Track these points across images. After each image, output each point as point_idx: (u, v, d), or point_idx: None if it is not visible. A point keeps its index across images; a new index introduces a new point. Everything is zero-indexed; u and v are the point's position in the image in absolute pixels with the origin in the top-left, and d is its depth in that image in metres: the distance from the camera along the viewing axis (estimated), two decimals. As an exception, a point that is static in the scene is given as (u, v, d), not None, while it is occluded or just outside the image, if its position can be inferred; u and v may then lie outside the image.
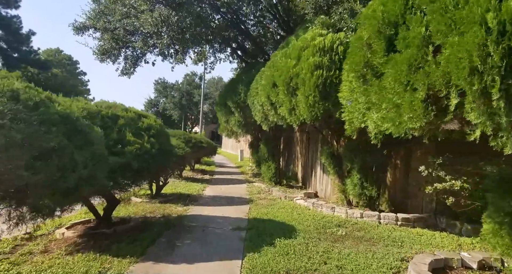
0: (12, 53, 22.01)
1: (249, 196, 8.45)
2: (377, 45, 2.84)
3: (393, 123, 2.63)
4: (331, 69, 5.22)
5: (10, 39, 21.87)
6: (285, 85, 5.75)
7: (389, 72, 2.62)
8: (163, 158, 4.61)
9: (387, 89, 2.66)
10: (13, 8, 23.08)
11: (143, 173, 4.17)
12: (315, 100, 5.30)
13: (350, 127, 3.91)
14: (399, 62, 2.51)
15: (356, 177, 6.39)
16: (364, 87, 3.09)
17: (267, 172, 9.72)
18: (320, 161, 8.49)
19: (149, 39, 10.00)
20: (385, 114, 2.71)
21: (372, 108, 2.96)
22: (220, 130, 12.63)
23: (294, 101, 5.70)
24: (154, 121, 4.83)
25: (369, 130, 3.39)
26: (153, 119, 4.87)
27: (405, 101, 2.50)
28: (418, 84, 2.39)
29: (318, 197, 8.30)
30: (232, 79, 9.80)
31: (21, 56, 22.31)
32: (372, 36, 2.89)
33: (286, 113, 5.87)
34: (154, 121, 4.82)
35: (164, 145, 4.66)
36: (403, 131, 2.61)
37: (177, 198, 7.66)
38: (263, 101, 6.82)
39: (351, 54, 3.46)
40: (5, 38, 21.85)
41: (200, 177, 12.04)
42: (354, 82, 3.37)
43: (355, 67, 3.24)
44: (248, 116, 9.06)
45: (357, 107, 3.37)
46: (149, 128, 4.58)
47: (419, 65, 2.40)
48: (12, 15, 22.47)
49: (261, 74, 7.32)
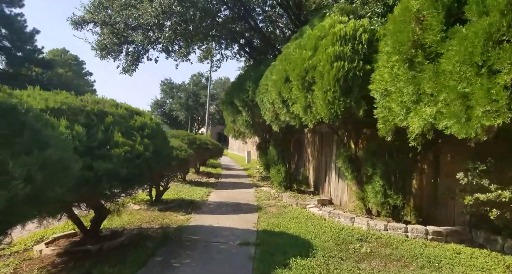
0: (16, 52, 21.71)
1: (257, 203, 7.76)
2: (433, 17, 2.15)
3: (457, 120, 1.94)
4: (353, 60, 4.52)
5: (14, 38, 21.58)
6: (299, 79, 5.06)
7: (452, 51, 1.93)
8: (159, 162, 3.94)
9: (447, 74, 1.97)
10: (17, 6, 22.87)
11: (134, 180, 3.51)
12: (335, 96, 4.59)
13: (384, 126, 3.21)
14: (469, 36, 1.82)
15: (379, 183, 5.65)
16: (412, 74, 2.39)
17: (276, 176, 9.02)
18: (335, 165, 7.76)
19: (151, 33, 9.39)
20: (444, 108, 2.02)
21: (423, 101, 2.26)
22: (227, 131, 11.97)
23: (310, 98, 5.00)
24: (150, 120, 4.17)
25: (411, 130, 2.68)
26: (148, 117, 4.21)
27: (478, 89, 1.80)
28: (501, 64, 1.69)
29: (332, 204, 7.56)
30: (240, 76, 9.15)
31: (25, 55, 22.00)
32: (425, 6, 2.20)
33: (301, 111, 5.18)
34: (149, 119, 4.17)
35: (161, 147, 4.00)
36: (472, 131, 1.90)
37: (179, 204, 7.01)
38: (274, 99, 6.14)
39: (393, 32, 2.76)
40: (8, 36, 21.57)
41: (205, 181, 11.39)
42: (397, 67, 2.67)
43: (399, 48, 2.55)
44: (256, 116, 8.39)
45: (400, 100, 2.67)
46: (142, 128, 3.92)
47: (502, 37, 1.70)
48: (16, 13, 22.22)
49: (271, 69, 6.64)
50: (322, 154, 8.78)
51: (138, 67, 11.40)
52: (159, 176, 4.34)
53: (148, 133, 3.92)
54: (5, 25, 21.77)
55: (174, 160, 4.72)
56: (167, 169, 4.33)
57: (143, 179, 3.76)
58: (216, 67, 14.76)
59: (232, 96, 8.71)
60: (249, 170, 16.18)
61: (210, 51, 13.36)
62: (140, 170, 3.56)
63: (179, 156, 6.46)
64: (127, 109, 4.08)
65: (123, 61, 10.95)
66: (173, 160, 4.60)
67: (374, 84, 3.42)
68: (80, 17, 9.82)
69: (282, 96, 5.90)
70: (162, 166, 4.09)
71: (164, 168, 4.24)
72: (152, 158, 3.77)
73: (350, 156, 6.47)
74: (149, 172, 3.76)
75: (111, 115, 3.71)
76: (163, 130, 4.39)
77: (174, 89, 52.37)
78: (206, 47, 13.05)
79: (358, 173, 6.42)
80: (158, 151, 3.94)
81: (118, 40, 9.89)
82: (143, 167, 3.59)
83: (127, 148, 3.48)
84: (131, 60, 10.89)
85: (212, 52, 13.52)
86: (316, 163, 9.38)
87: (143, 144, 3.74)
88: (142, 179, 3.72)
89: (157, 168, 3.90)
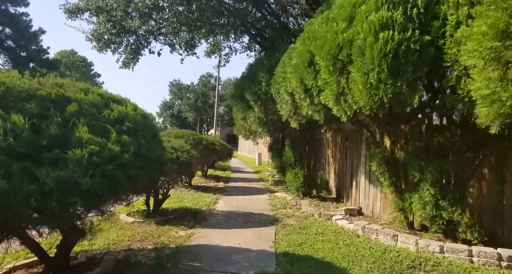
0: (20, 52, 21.13)
1: (272, 212, 6.63)
2: None
3: None
4: (406, 29, 3.36)
5: (18, 38, 21.01)
6: (329, 59, 3.93)
7: None
8: (145, 167, 2.87)
9: None
10: (22, 5, 22.35)
11: (105, 193, 2.44)
12: (380, 78, 3.45)
13: (491, 110, 2.06)
14: None
15: (428, 192, 4.48)
16: None
17: (293, 180, 7.88)
18: (364, 168, 6.58)
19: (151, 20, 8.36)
20: None
21: None
22: (236, 130, 10.85)
23: (343, 83, 3.86)
24: (133, 110, 3.10)
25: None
26: (132, 106, 3.13)
27: None
28: None
29: (362, 214, 6.37)
30: (251, 66, 8.04)
31: (29, 55, 21.40)
32: None
33: (331, 100, 4.04)
34: (133, 109, 3.09)
35: (148, 147, 2.92)
36: None
37: (181, 215, 5.94)
38: (294, 87, 5.01)
39: None
40: (13, 36, 21.01)
41: (213, 185, 10.32)
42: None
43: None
44: (270, 111, 7.27)
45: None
46: (121, 120, 2.85)
47: None
48: (20, 13, 21.67)
49: (289, 53, 5.52)
50: (346, 155, 7.59)
51: (139, 60, 10.45)
52: (147, 185, 3.26)
53: (129, 127, 2.85)
54: (9, 24, 21.25)
55: (167, 164, 3.64)
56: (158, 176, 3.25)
57: (120, 191, 2.69)
58: (225, 62, 13.78)
59: (242, 89, 7.61)
60: (261, 173, 15.06)
61: (217, 44, 12.32)
62: (114, 179, 2.48)
63: (180, 159, 5.40)
64: (102, 96, 3.01)
65: (122, 55, 10.01)
66: (166, 164, 3.51)
67: (464, 55, 2.30)
68: (74, 4, 8.90)
69: (304, 84, 4.77)
70: (149, 172, 3.00)
71: (154, 174, 3.16)
72: (133, 161, 2.70)
73: (387, 157, 5.31)
74: (130, 181, 2.68)
75: (75, 103, 2.65)
76: (152, 125, 3.31)
77: (182, 90, 51.66)
78: (214, 40, 12.03)
79: (397, 178, 5.25)
80: (143, 153, 2.86)
81: (115, 30, 8.91)
82: (118, 175, 2.52)
83: (94, 148, 2.41)
84: (130, 52, 9.89)
85: (219, 46, 12.49)
86: (339, 166, 8.20)
87: (121, 143, 2.67)
88: (118, 191, 2.65)
89: (141, 176, 2.82)
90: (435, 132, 4.44)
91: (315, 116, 5.17)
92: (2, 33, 20.95)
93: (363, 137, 6.64)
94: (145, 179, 2.96)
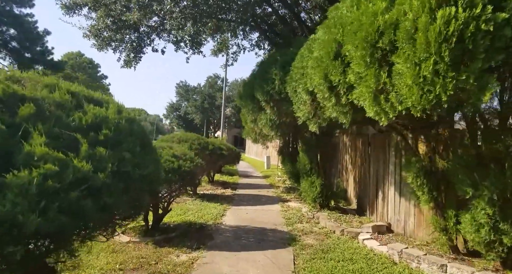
0: (24, 53, 20.75)
1: (287, 228, 5.84)
2: None
3: None
4: (474, 5, 2.55)
5: (22, 39, 20.64)
6: (366, 47, 3.14)
7: None
8: (130, 190, 2.12)
9: None
10: (26, 6, 22.01)
11: (64, 234, 1.70)
12: (437, 69, 2.65)
13: None
14: None
15: (484, 212, 3.64)
16: None
17: (309, 190, 7.07)
18: (394, 178, 5.75)
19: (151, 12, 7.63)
20: None
21: None
22: (245, 134, 10.07)
23: (384, 77, 3.06)
24: (117, 113, 2.34)
25: None
26: (114, 108, 2.38)
27: None
28: None
29: (392, 232, 5.54)
30: (262, 63, 7.26)
31: (34, 56, 21.01)
32: None
33: (367, 99, 3.24)
34: (115, 112, 2.34)
35: (133, 163, 2.17)
36: None
37: (183, 232, 5.20)
38: (316, 85, 4.23)
39: None
40: (17, 37, 20.65)
41: (220, 193, 9.56)
42: None
43: None
44: (283, 113, 6.49)
45: None
46: (97, 127, 2.11)
47: None
48: (25, 14, 21.33)
49: (309, 45, 4.74)
50: (369, 162, 6.77)
51: (141, 59, 9.74)
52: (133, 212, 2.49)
53: (107, 136, 2.10)
54: (14, 25, 20.91)
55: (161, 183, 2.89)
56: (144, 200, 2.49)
57: (93, 227, 1.94)
58: (232, 60, 13.04)
59: (252, 88, 6.84)
60: (270, 178, 14.27)
61: (225, 42, 11.60)
62: (80, 212, 1.74)
63: (182, 169, 4.66)
64: (74, 94, 2.27)
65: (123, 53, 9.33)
66: (160, 183, 2.76)
67: None
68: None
69: (329, 80, 3.98)
70: (136, 196, 2.25)
71: (143, 198, 2.40)
72: (112, 184, 1.95)
73: (425, 167, 4.49)
74: (106, 213, 1.93)
75: (31, 103, 1.91)
76: (142, 132, 2.55)
77: (189, 92, 51.14)
78: (221, 37, 11.32)
79: (438, 192, 4.42)
80: (127, 170, 2.10)
81: (115, 25, 8.23)
82: (87, 206, 1.77)
83: (51, 168, 1.67)
84: (131, 49, 9.20)
85: (227, 44, 11.77)
86: (359, 173, 7.37)
87: (95, 158, 1.92)
88: (89, 228, 1.90)
89: (122, 203, 2.06)
90: (494, 138, 3.61)
91: (341, 118, 4.36)
92: (6, 34, 20.61)
93: (392, 142, 5.82)
94: (130, 205, 2.20)
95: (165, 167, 4.59)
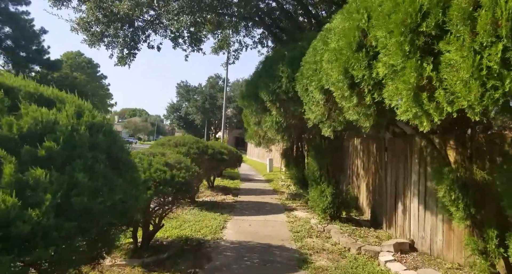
0: (20, 52, 20.14)
1: (296, 244, 5.18)
2: None
3: None
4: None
5: (18, 37, 20.04)
6: (405, 33, 2.49)
7: None
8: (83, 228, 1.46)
9: None
10: (23, 4, 21.43)
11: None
12: (510, 58, 1.99)
13: None
14: None
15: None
16: None
17: (319, 200, 6.40)
18: (417, 189, 5.07)
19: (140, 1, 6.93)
20: None
21: None
22: (248, 137, 9.39)
23: (429, 70, 2.39)
24: (74, 117, 1.67)
25: None
26: (71, 109, 1.70)
27: None
28: None
29: (416, 250, 4.86)
30: (266, 59, 6.59)
31: (29, 55, 20.40)
32: None
33: (405, 98, 2.57)
34: (72, 115, 1.67)
35: (92, 189, 1.51)
36: None
37: (178, 251, 4.54)
38: (334, 81, 3.56)
39: None
40: (12, 35, 20.05)
41: (220, 200, 8.89)
42: None
43: None
44: (291, 114, 5.83)
45: None
46: (37, 137, 1.44)
47: None
48: (20, 11, 20.74)
49: (324, 36, 4.07)
50: (385, 169, 6.09)
51: (135, 56, 9.08)
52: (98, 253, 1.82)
53: (50, 151, 1.44)
54: (9, 23, 20.32)
55: (133, 214, 2.22)
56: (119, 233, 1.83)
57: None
58: (234, 59, 12.37)
59: (256, 87, 6.17)
60: (273, 182, 13.61)
61: (226, 39, 10.95)
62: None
63: (176, 179, 4.01)
64: (8, 90, 1.61)
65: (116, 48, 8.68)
66: (131, 214, 2.09)
67: None
68: (59, -10, 7.64)
69: (350, 75, 3.31)
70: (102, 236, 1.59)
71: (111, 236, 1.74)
72: (56, 226, 1.29)
73: (461, 179, 3.82)
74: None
75: None
76: (113, 143, 1.88)
77: (190, 92, 50.52)
78: (222, 34, 10.67)
79: (477, 209, 3.74)
80: (78, 201, 1.44)
81: (106, 18, 7.55)
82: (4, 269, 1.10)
83: None
84: (124, 45, 8.52)
85: (228, 41, 11.12)
86: (373, 181, 6.70)
87: (28, 185, 1.26)
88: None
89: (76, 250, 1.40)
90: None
91: (361, 121, 3.69)
92: (1, 32, 20.02)
93: (414, 148, 5.15)
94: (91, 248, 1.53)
95: (155, 178, 3.94)
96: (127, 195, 1.83)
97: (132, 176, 1.99)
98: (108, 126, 1.95)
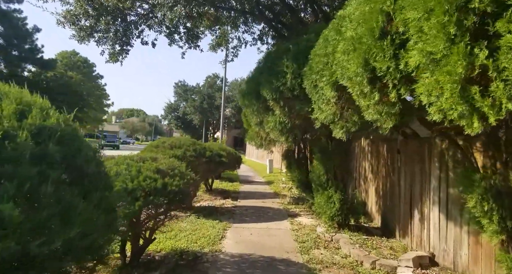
0: (12, 51, 19.55)
1: (302, 257, 4.69)
2: None
3: None
4: None
5: (10, 35, 19.45)
6: (450, 11, 1.99)
7: None
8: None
9: None
10: (15, 2, 20.86)
11: None
12: None
13: None
14: None
15: None
16: None
17: (325, 206, 5.91)
18: (438, 196, 4.59)
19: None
20: None
21: None
22: (249, 139, 8.88)
23: (482, 57, 1.90)
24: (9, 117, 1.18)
25: None
26: (13, 106, 1.22)
27: None
28: None
29: (437, 265, 4.38)
30: (269, 54, 6.09)
31: (22, 54, 19.82)
32: None
33: (447, 93, 2.08)
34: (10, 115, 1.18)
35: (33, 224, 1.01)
36: None
37: (171, 268, 4.04)
38: (351, 75, 3.08)
39: None
40: (4, 33, 19.45)
41: (219, 205, 8.39)
42: None
43: None
44: (296, 114, 5.34)
45: None
46: None
47: None
48: (12, 9, 20.14)
49: (337, 23, 3.58)
50: (398, 173, 5.62)
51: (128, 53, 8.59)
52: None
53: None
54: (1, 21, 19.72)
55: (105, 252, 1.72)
56: None
57: None
58: (233, 56, 11.88)
59: (257, 84, 5.67)
60: (274, 184, 13.12)
61: (224, 35, 10.46)
62: None
63: (169, 188, 3.52)
64: None
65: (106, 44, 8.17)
66: (102, 254, 1.59)
67: None
68: (46, -19, 7.12)
69: (371, 68, 2.82)
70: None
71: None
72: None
73: (494, 188, 3.35)
74: None
75: None
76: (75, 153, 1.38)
77: (188, 92, 49.92)
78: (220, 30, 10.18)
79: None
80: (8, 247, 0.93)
81: (95, 11, 7.03)
82: None
83: None
84: (115, 40, 8.01)
85: (226, 37, 10.63)
86: (384, 185, 6.23)
87: None
88: None
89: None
90: None
91: (381, 121, 3.20)
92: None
93: (434, 150, 4.67)
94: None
95: (144, 187, 3.44)
96: (92, 224, 1.33)
97: (102, 196, 1.49)
98: (69, 130, 1.46)
